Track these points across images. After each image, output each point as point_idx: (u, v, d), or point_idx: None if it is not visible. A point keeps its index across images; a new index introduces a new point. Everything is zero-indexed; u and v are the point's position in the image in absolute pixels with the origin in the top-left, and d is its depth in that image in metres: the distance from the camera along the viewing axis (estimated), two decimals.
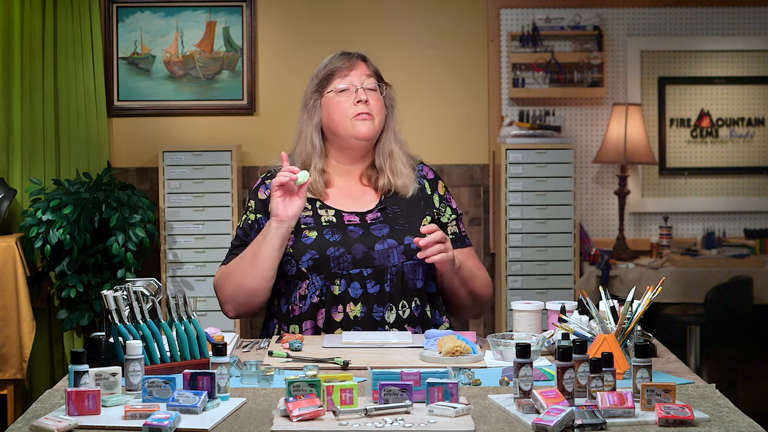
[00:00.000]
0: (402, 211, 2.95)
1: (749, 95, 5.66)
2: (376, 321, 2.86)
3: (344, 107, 2.93)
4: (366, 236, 2.89)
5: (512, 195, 5.23)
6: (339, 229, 2.89)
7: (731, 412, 2.11)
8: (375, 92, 2.95)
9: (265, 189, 2.99)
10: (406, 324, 2.88)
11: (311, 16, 5.57)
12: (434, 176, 3.06)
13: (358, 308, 2.86)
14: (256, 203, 2.98)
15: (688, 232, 5.67)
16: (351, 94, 2.93)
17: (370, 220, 2.93)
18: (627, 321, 2.41)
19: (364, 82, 2.94)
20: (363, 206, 2.96)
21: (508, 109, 5.59)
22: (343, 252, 2.86)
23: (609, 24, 5.59)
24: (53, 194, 5.00)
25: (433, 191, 3.02)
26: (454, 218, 3.03)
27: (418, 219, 2.95)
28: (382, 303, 2.86)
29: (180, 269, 5.20)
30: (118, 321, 2.39)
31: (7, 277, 4.77)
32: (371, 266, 2.86)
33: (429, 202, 3.00)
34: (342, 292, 2.86)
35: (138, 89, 5.52)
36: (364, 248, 2.87)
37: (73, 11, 5.31)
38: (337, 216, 2.92)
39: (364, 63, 2.98)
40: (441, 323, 2.96)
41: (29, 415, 2.12)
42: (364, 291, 2.86)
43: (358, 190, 2.99)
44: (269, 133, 5.54)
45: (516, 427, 2.02)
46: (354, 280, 2.86)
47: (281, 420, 2.03)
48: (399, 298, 2.88)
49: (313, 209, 2.94)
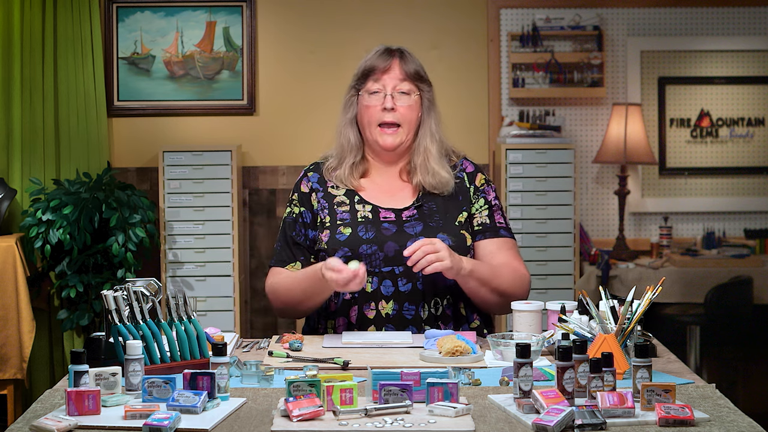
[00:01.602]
0: (438, 208, 2.95)
1: (749, 95, 5.66)
2: (408, 319, 2.86)
3: (372, 112, 2.93)
4: (399, 234, 2.89)
5: (512, 195, 5.22)
6: (373, 225, 2.90)
7: (731, 412, 2.11)
8: (407, 96, 2.94)
9: (307, 181, 3.01)
10: (439, 321, 2.88)
11: (311, 16, 5.57)
12: (474, 169, 3.03)
13: (390, 306, 2.86)
14: (300, 196, 3.00)
15: (688, 232, 5.66)
16: (380, 98, 2.93)
17: (405, 217, 2.93)
18: (627, 321, 2.41)
19: (396, 86, 2.93)
20: (400, 203, 2.96)
21: (508, 109, 5.59)
22: (375, 250, 2.87)
23: (609, 24, 5.59)
24: (53, 194, 5.00)
25: (471, 184, 3.01)
26: (486, 208, 2.98)
27: (454, 215, 2.95)
28: (414, 301, 2.87)
29: (180, 269, 5.20)
30: (118, 321, 2.39)
31: (7, 277, 4.77)
32: (403, 264, 2.86)
33: (467, 196, 2.99)
34: (374, 289, 2.87)
35: (138, 89, 5.51)
36: (396, 246, 2.87)
37: (73, 11, 5.31)
38: (373, 212, 2.93)
39: (401, 63, 2.96)
40: (473, 320, 2.96)
41: (29, 415, 2.12)
42: (396, 289, 2.87)
43: (396, 186, 2.99)
44: (269, 133, 5.54)
45: (516, 427, 2.02)
46: (386, 278, 2.87)
47: (281, 420, 2.03)
48: (431, 296, 2.88)
49: (351, 203, 2.95)
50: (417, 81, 2.97)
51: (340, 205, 2.94)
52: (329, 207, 2.95)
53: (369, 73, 2.95)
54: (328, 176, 2.99)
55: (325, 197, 2.97)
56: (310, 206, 2.97)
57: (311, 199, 2.98)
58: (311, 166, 3.05)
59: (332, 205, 2.95)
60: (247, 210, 5.51)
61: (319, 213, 2.96)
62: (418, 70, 2.98)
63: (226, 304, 5.20)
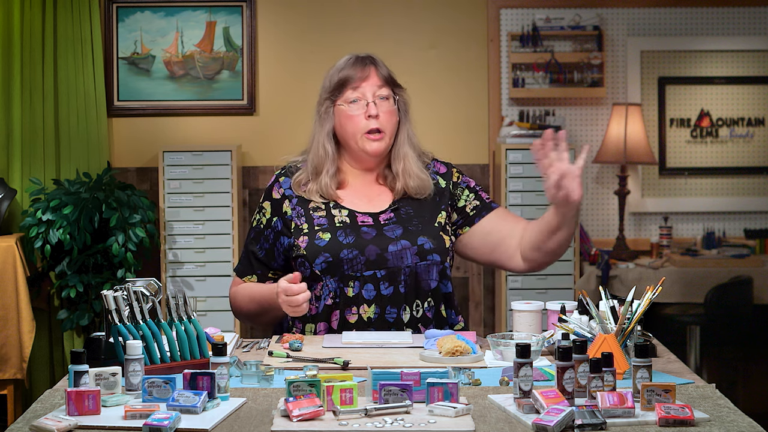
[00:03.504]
0: (415, 211, 2.94)
1: (749, 95, 5.66)
2: (390, 322, 2.85)
3: (356, 121, 2.91)
4: (379, 237, 2.88)
5: (512, 195, 5.22)
6: (352, 230, 2.88)
7: (731, 412, 2.11)
8: (387, 101, 2.93)
9: (279, 187, 2.98)
10: (419, 324, 2.88)
11: (311, 16, 5.57)
12: (446, 169, 3.04)
13: (372, 310, 2.85)
14: (271, 203, 2.97)
15: (688, 232, 5.66)
16: (362, 106, 2.92)
17: (383, 220, 2.91)
18: (627, 321, 2.41)
19: (375, 93, 2.93)
20: (377, 207, 2.95)
21: (508, 109, 5.59)
22: (356, 254, 2.85)
23: (609, 24, 5.59)
24: (53, 194, 5.00)
25: (447, 183, 3.01)
26: (473, 194, 2.99)
27: (433, 217, 2.94)
28: (396, 304, 2.86)
29: (180, 269, 5.20)
30: (118, 321, 2.39)
31: (7, 277, 4.77)
32: (385, 267, 2.85)
33: (444, 196, 2.99)
34: (356, 294, 2.86)
35: (138, 89, 5.52)
36: (378, 250, 2.86)
37: (73, 11, 5.31)
38: (350, 216, 2.91)
39: (376, 69, 2.95)
40: (456, 323, 2.95)
41: (29, 415, 2.12)
42: (378, 292, 2.86)
43: (373, 191, 2.98)
44: (269, 133, 5.54)
45: (516, 427, 2.02)
46: (368, 282, 2.86)
47: (281, 420, 2.03)
48: (413, 298, 2.88)
49: (327, 209, 2.93)
50: (393, 85, 2.97)
51: (316, 210, 2.91)
52: (305, 213, 2.92)
53: (345, 82, 2.93)
54: (298, 191, 2.94)
55: (300, 203, 2.93)
56: (282, 213, 2.94)
57: (283, 205, 2.94)
58: (282, 171, 3.01)
59: (308, 211, 2.92)
60: (247, 210, 5.51)
61: (294, 219, 2.92)
62: (391, 75, 2.99)
63: (226, 304, 5.18)
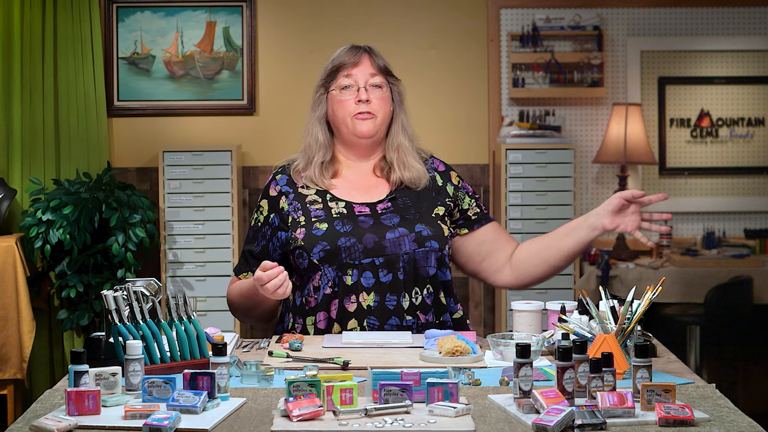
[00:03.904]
0: (412, 202, 2.95)
1: (749, 95, 5.66)
2: (390, 310, 2.86)
3: (346, 105, 2.94)
4: (377, 226, 2.89)
5: (512, 195, 5.23)
6: (350, 220, 2.90)
7: (731, 412, 2.11)
8: (379, 89, 2.95)
9: (275, 184, 3.00)
10: (419, 311, 2.88)
11: (311, 16, 5.57)
12: (445, 168, 3.06)
13: (371, 297, 2.86)
14: (268, 201, 2.99)
15: (688, 232, 5.66)
16: (354, 92, 2.94)
17: (380, 210, 2.93)
18: (627, 321, 2.41)
19: (368, 80, 2.95)
20: (374, 197, 2.96)
21: (508, 109, 5.59)
22: (354, 242, 2.86)
23: (609, 24, 5.59)
24: (53, 194, 5.00)
25: (445, 182, 3.02)
26: (474, 201, 3.04)
27: (431, 208, 2.96)
28: (395, 291, 2.86)
29: (180, 269, 5.20)
30: (118, 321, 2.39)
31: (7, 277, 4.77)
32: (383, 255, 2.86)
33: (441, 194, 3.00)
34: (354, 282, 2.86)
35: (138, 89, 5.52)
36: (375, 237, 2.87)
37: (73, 11, 5.31)
38: (347, 207, 2.92)
39: (371, 58, 2.97)
40: (456, 311, 2.96)
41: (29, 415, 2.12)
42: (377, 280, 2.86)
43: (370, 182, 2.99)
44: (269, 133, 5.54)
45: (516, 427, 2.02)
46: (366, 270, 2.86)
47: (281, 420, 2.03)
48: (411, 285, 2.88)
49: (324, 201, 2.94)
50: (387, 75, 2.99)
51: (313, 203, 2.93)
52: (302, 206, 2.94)
53: (339, 68, 2.97)
54: (297, 178, 2.98)
55: (296, 198, 2.96)
56: (279, 209, 2.95)
57: (280, 202, 2.96)
58: (279, 169, 3.05)
59: (305, 204, 2.94)
60: (247, 210, 5.51)
61: (291, 213, 2.93)
62: (387, 66, 3.01)
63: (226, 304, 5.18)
